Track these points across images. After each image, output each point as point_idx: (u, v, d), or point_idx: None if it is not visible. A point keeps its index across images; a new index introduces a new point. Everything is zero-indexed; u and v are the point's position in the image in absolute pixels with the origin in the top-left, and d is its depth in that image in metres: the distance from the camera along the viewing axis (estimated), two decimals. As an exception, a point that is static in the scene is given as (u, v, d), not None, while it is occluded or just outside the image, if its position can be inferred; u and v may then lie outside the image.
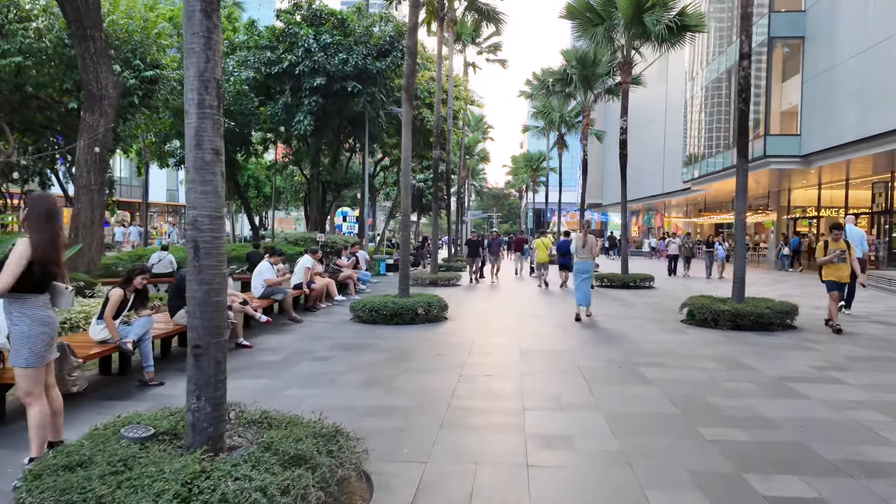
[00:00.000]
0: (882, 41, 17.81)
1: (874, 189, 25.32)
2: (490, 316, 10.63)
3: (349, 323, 9.60)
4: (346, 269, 13.54)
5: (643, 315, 10.74)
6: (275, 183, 31.60)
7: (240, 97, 20.60)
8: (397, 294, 10.23)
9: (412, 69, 10.00)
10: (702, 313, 9.37)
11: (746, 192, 9.53)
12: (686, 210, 45.53)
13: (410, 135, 10.11)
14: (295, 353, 7.15)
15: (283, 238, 24.07)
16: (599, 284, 16.89)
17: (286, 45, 19.42)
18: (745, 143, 9.50)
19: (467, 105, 29.13)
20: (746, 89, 9.45)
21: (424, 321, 9.62)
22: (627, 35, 16.59)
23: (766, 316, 8.84)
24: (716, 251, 20.52)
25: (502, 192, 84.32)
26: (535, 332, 8.82)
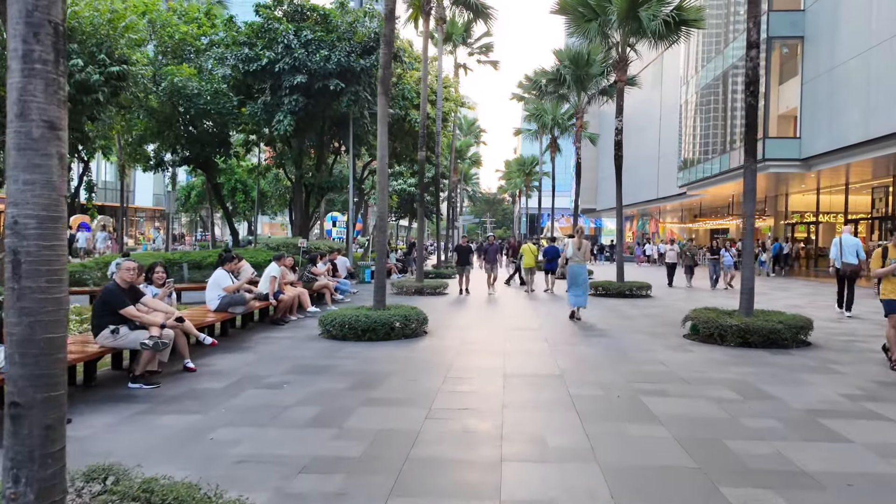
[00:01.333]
0: (888, 39, 17.07)
1: (874, 194, 24.63)
2: (474, 330, 9.68)
3: (316, 339, 8.63)
4: (322, 277, 12.57)
5: (642, 328, 9.83)
6: (259, 186, 30.58)
7: (217, 96, 19.62)
8: (372, 306, 9.28)
9: (388, 60, 9.09)
10: (707, 328, 8.46)
11: (755, 194, 8.66)
12: (681, 215, 44.83)
13: (387, 131, 9.19)
14: (243, 379, 6.18)
15: (265, 244, 23.07)
16: (594, 293, 15.99)
17: (265, 41, 18.50)
18: (753, 139, 8.64)
19: (458, 107, 28.27)
20: (755, 82, 8.59)
21: (401, 337, 8.66)
22: (622, 31, 15.77)
23: (778, 332, 7.94)
24: (722, 258, 18.55)
25: (495, 198, 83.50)
26: (522, 350, 7.88)
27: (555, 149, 30.80)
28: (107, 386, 5.92)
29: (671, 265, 20.06)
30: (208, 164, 22.34)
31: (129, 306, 5.79)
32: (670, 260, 20.15)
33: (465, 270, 16.34)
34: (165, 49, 20.79)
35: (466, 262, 16.50)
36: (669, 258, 20.24)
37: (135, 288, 6.07)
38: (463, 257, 16.57)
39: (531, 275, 16.91)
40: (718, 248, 18.93)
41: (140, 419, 4.81)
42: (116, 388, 5.81)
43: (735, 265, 18.32)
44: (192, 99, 19.11)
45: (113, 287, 5.87)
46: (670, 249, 20.57)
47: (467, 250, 16.94)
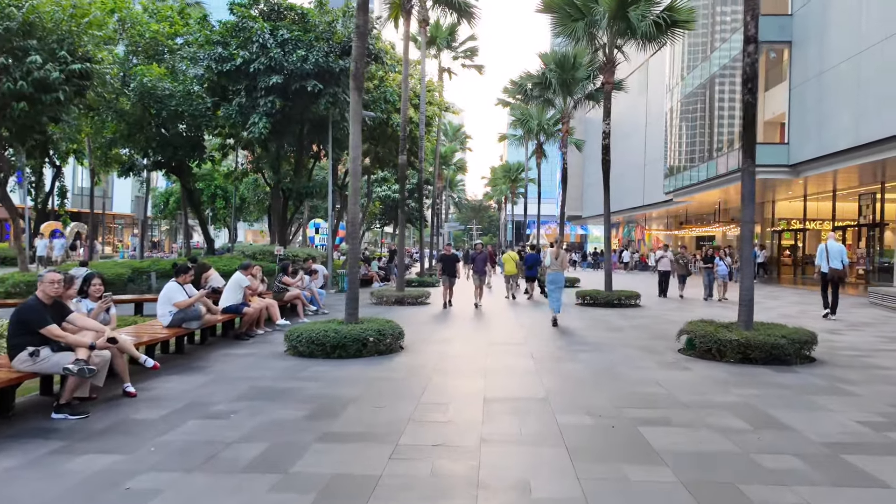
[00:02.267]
0: (878, 42, 16.76)
1: (861, 201, 24.41)
2: (454, 344, 8.98)
3: (281, 357, 7.88)
4: (293, 287, 11.80)
5: (633, 342, 9.20)
6: (236, 192, 29.69)
7: (190, 97, 18.81)
8: (343, 319, 8.56)
9: (362, 52, 8.43)
10: (704, 343, 7.85)
11: (754, 198, 8.10)
12: (667, 222, 44.63)
13: (360, 130, 8.51)
14: (188, 406, 5.43)
15: (242, 252, 22.22)
16: (581, 302, 15.43)
17: (239, 40, 17.75)
18: (751, 139, 8.08)
19: (442, 112, 27.67)
20: (753, 79, 8.04)
21: (374, 353, 7.94)
22: (610, 32, 15.25)
23: (781, 347, 7.34)
24: (716, 267, 17.06)
25: (481, 205, 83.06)
26: (505, 368, 7.20)
27: (540, 155, 30.29)
28: (27, 416, 5.13)
29: (664, 273, 18.35)
30: (182, 169, 21.46)
31: (52, 325, 5.02)
32: (664, 268, 18.38)
33: (449, 282, 14.68)
34: (136, 48, 19.97)
35: (452, 272, 14.70)
36: (663, 266, 18.47)
37: (60, 303, 5.29)
38: (448, 267, 14.71)
39: (513, 281, 17.20)
40: (712, 255, 17.44)
41: (49, 461, 4.05)
42: (38, 420, 5.03)
43: (730, 275, 17.24)
44: (163, 100, 18.28)
45: (33, 302, 5.09)
46: (663, 256, 18.66)
47: (453, 259, 15.04)
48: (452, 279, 14.73)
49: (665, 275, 18.18)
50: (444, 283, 14.68)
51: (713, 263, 17.00)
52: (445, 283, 14.66)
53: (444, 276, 14.69)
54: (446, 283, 14.65)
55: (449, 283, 14.64)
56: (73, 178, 47.79)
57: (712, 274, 17.02)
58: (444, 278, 14.71)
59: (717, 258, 17.05)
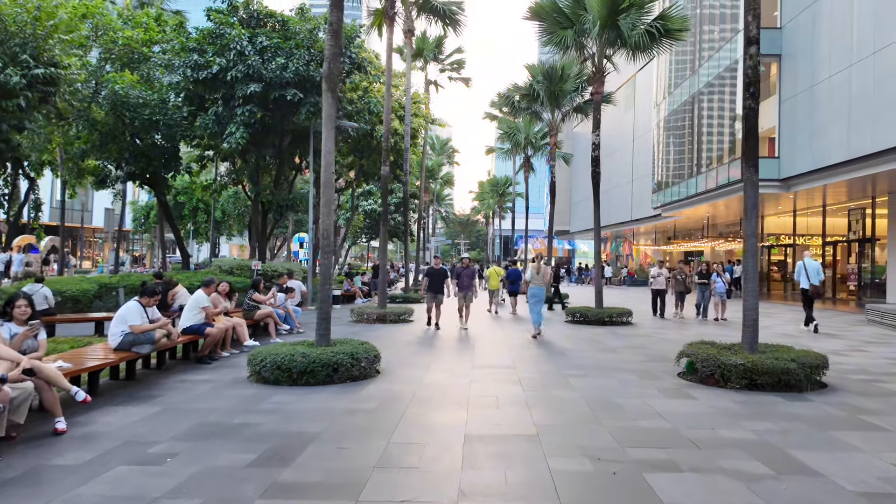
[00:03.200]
0: (870, 55, 16.49)
1: (850, 216, 24.15)
2: (436, 369, 8.26)
3: (243, 384, 7.12)
4: (265, 305, 11.02)
5: (629, 365, 8.54)
6: (215, 205, 28.85)
7: (165, 106, 18.09)
8: (314, 341, 7.81)
9: (335, 52, 7.79)
10: (707, 367, 7.21)
11: (757, 209, 7.53)
12: (655, 238, 44.33)
13: (333, 135, 7.84)
14: (121, 447, 4.66)
15: (218, 266, 21.36)
16: (571, 320, 14.79)
17: (216, 47, 17.10)
18: (754, 147, 7.52)
19: (428, 124, 27.14)
20: (755, 82, 7.52)
21: (347, 379, 7.20)
22: (600, 41, 14.81)
23: (791, 372, 6.72)
24: (713, 284, 15.59)
25: (469, 219, 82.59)
26: (491, 397, 6.49)
27: (528, 168, 29.83)
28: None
29: (659, 291, 16.54)
30: (157, 180, 20.66)
31: (-47, 354, 4.25)
32: (658, 285, 16.57)
33: (436, 300, 13.03)
34: (111, 56, 19.26)
35: (439, 289, 13.07)
36: (657, 283, 16.61)
37: (-32, 328, 4.53)
38: (435, 283, 13.07)
39: (496, 296, 17.74)
40: (709, 271, 15.88)
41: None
42: (-63, 466, 4.24)
43: (728, 293, 15.83)
44: (136, 109, 17.55)
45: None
46: (658, 273, 16.82)
47: (441, 275, 13.29)
48: (439, 296, 13.15)
49: (659, 293, 16.59)
50: (430, 301, 13.10)
51: (709, 280, 15.70)
52: (431, 300, 13.08)
53: (430, 294, 13.08)
54: (432, 300, 13.06)
55: (436, 302, 13.06)
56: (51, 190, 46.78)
57: (708, 291, 15.79)
58: (429, 295, 13.09)
59: (714, 274, 15.75)
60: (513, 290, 16.97)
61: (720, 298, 15.62)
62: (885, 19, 15.91)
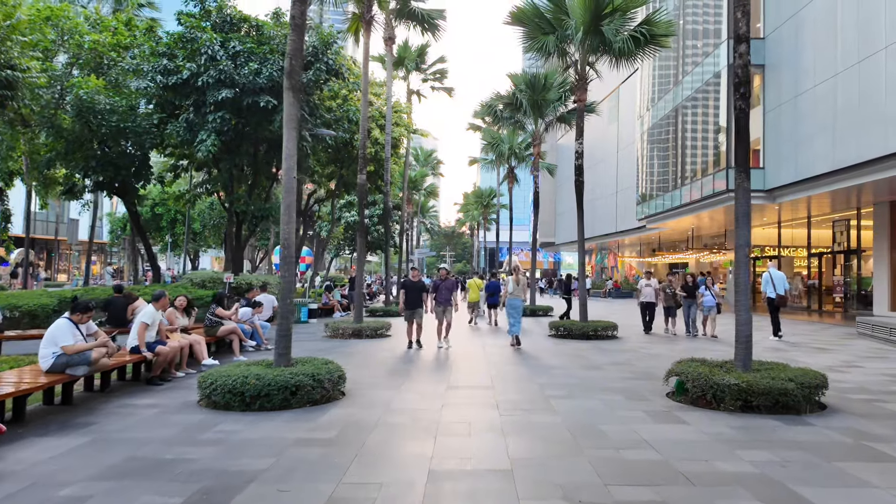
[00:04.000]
0: (854, 64, 16.32)
1: (835, 228, 24.01)
2: (406, 389, 7.63)
3: (191, 409, 6.44)
4: (228, 320, 10.31)
5: (615, 383, 7.98)
6: (189, 215, 28.02)
7: (133, 112, 17.37)
8: (273, 361, 7.16)
9: (297, 47, 7.24)
10: (698, 387, 6.67)
11: (749, 218, 7.05)
12: (640, 249, 44.15)
13: (296, 136, 7.25)
14: (22, 491, 3.99)
15: (189, 279, 20.56)
16: (554, 334, 14.24)
17: (186, 52, 16.46)
18: (745, 152, 7.06)
19: (410, 133, 26.66)
20: (746, 82, 7.07)
21: (307, 403, 6.56)
22: (583, 47, 14.43)
23: (790, 393, 6.20)
24: (701, 298, 14.18)
25: (454, 231, 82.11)
26: (463, 423, 5.89)
27: (512, 179, 29.43)
28: None
29: (647, 305, 15.18)
30: (126, 190, 19.86)
31: None
32: (647, 298, 15.18)
33: (415, 316, 11.79)
34: (78, 60, 18.53)
35: (417, 304, 11.83)
36: (646, 296, 15.21)
37: None
38: (412, 298, 11.80)
39: (477, 308, 17.99)
40: (695, 284, 14.50)
41: None
42: None
43: (718, 307, 14.29)
44: (103, 115, 16.81)
45: None
46: (647, 285, 15.32)
47: (418, 289, 11.96)
48: (418, 312, 11.82)
49: (648, 307, 15.16)
50: (409, 319, 11.85)
51: (697, 293, 14.32)
52: (410, 317, 11.83)
53: (408, 310, 11.84)
54: (411, 317, 11.81)
55: (415, 318, 11.80)
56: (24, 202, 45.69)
57: (696, 305, 14.41)
58: (407, 312, 11.85)
59: (702, 287, 14.27)
60: (492, 302, 17.15)
61: (708, 313, 14.24)
62: (869, 29, 15.75)
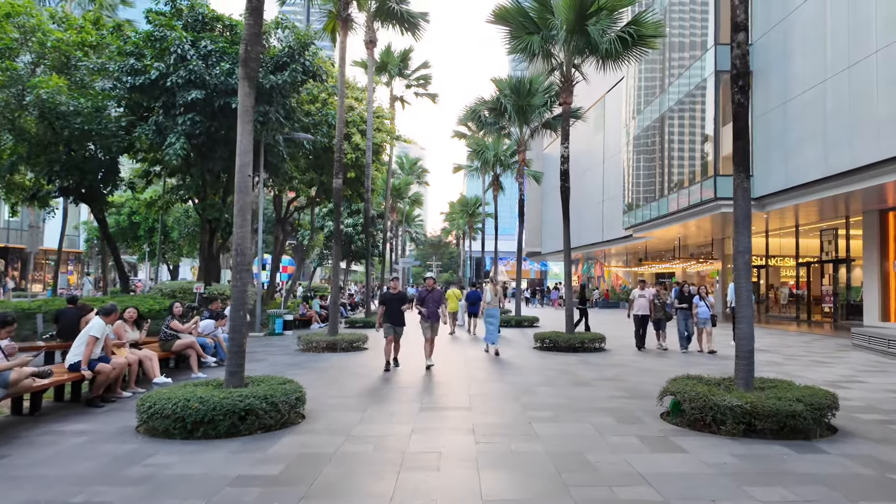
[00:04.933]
0: (845, 69, 15.96)
1: (823, 237, 23.71)
2: (374, 411, 6.88)
3: (126, 436, 5.66)
4: (184, 334, 9.50)
5: (605, 402, 7.30)
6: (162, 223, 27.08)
7: (100, 114, 16.53)
8: (224, 381, 6.40)
9: (255, 33, 6.56)
10: (696, 408, 6.01)
11: (750, 221, 6.45)
12: (626, 259, 43.78)
13: (251, 130, 6.55)
14: None
15: (159, 289, 19.63)
16: (540, 346, 13.56)
17: (155, 51, 15.70)
18: (744, 149, 6.48)
19: (393, 139, 26.02)
20: (744, 74, 6.51)
21: (258, 429, 5.80)
22: (568, 48, 13.90)
23: (798, 416, 5.56)
24: (696, 309, 12.93)
25: (440, 241, 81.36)
26: (433, 452, 5.16)
27: (497, 187, 28.85)
28: None
29: (642, 319, 13.62)
30: (94, 196, 18.95)
31: None
32: (641, 311, 13.60)
33: (394, 332, 10.16)
34: (43, 60, 17.66)
35: (398, 319, 10.18)
36: (640, 308, 13.61)
37: None
38: (392, 312, 10.15)
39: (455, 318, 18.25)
40: (689, 293, 13.35)
41: None
42: None
43: (713, 319, 13.08)
44: (66, 117, 15.97)
45: None
46: (640, 296, 13.76)
47: (398, 300, 10.28)
48: (399, 329, 10.27)
49: (642, 321, 13.63)
50: (388, 335, 10.17)
51: (692, 304, 13.04)
52: (389, 333, 10.15)
53: (388, 325, 10.15)
54: (390, 333, 10.15)
55: (394, 335, 10.20)
56: (0, 209, 44.39)
57: (691, 318, 13.12)
58: (386, 327, 10.16)
59: (696, 297, 12.99)
60: (472, 311, 17.37)
61: (704, 326, 12.91)
62: (859, 33, 15.42)
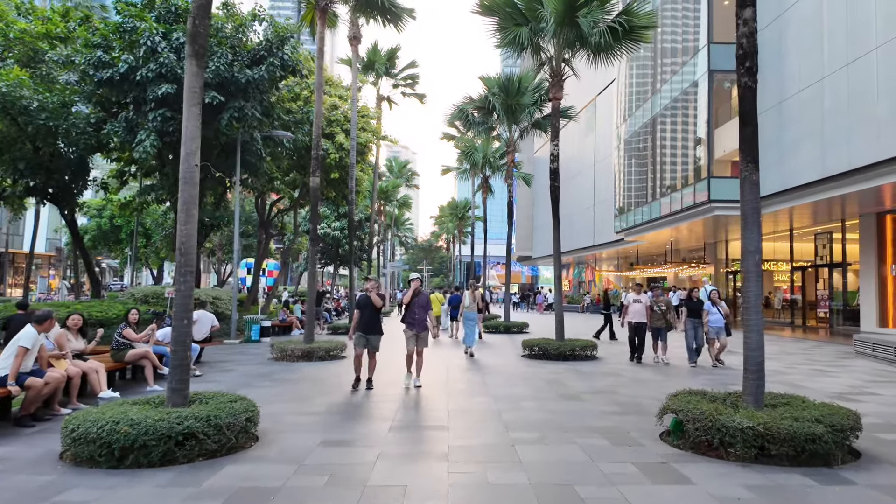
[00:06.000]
0: (843, 67, 15.43)
1: (817, 241, 23.23)
2: (337, 432, 6.11)
3: (47, 464, 4.87)
4: (141, 343, 8.68)
5: (596, 420, 6.58)
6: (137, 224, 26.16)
7: (66, 110, 15.69)
8: (166, 397, 5.61)
9: (203, 5, 5.77)
10: (700, 429, 5.30)
11: (759, 216, 5.75)
12: (617, 263, 43.25)
13: (198, 114, 5.80)
14: None
15: (131, 294, 18.74)
16: (528, 354, 12.83)
17: (124, 42, 14.89)
18: (752, 137, 5.79)
19: (378, 139, 25.29)
20: (752, 54, 5.84)
21: (200, 455, 5.02)
22: (558, 41, 13.26)
23: (819, 439, 4.86)
24: (706, 316, 11.24)
25: (431, 245, 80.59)
26: (397, 486, 4.41)
27: (486, 189, 28.18)
28: None
29: (638, 327, 11.87)
30: (63, 196, 18.06)
31: None
32: (636, 318, 11.87)
33: (368, 344, 8.45)
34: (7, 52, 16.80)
35: (373, 328, 8.50)
36: (635, 314, 11.87)
37: None
38: (367, 320, 8.45)
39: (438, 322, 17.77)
40: (696, 298, 11.72)
41: None
42: None
43: (727, 328, 11.31)
44: (30, 113, 15.11)
45: None
46: (635, 301, 11.94)
47: (373, 307, 8.49)
48: (373, 339, 8.51)
49: (638, 329, 11.88)
50: (358, 346, 8.43)
51: (703, 310, 11.37)
52: (360, 344, 8.42)
53: (359, 334, 8.45)
54: (361, 344, 8.42)
55: (368, 348, 8.49)
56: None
57: (702, 327, 11.35)
58: (357, 337, 8.44)
59: (708, 303, 11.35)
60: (454, 315, 17.93)
61: (717, 336, 11.22)
62: (859, 29, 14.90)
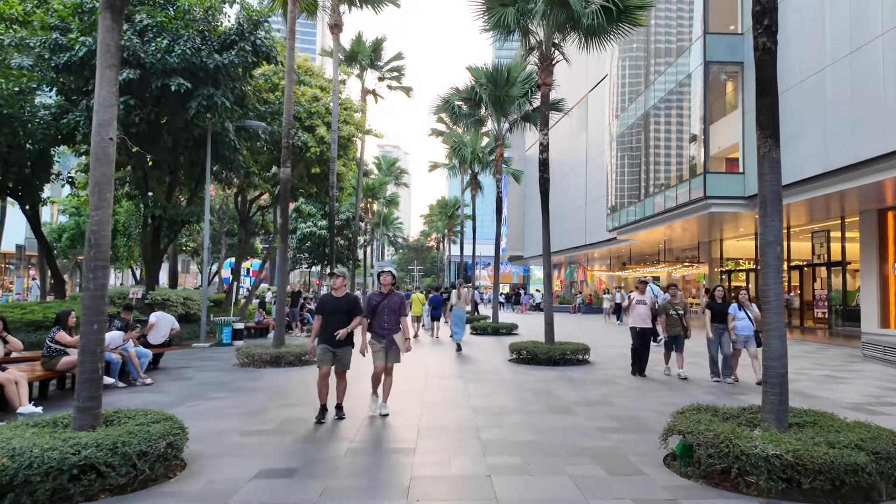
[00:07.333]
0: (847, 55, 14.65)
1: (814, 239, 22.53)
2: (283, 454, 5.15)
3: None
4: (75, 349, 7.70)
5: (590, 441, 5.66)
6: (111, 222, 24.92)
7: (21, 97, 14.63)
8: (74, 416, 4.64)
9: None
10: (714, 456, 4.39)
11: (780, 200, 4.88)
12: (610, 263, 42.51)
13: (113, 78, 4.85)
14: None
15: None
16: (516, 358, 11.95)
17: (83, 24, 13.86)
18: (771, 108, 4.98)
19: (363, 133, 24.33)
20: (771, 10, 4.97)
21: (101, 491, 4.07)
22: (547, 22, 12.38)
23: (862, 471, 3.97)
24: (733, 322, 9.16)
25: (422, 245, 79.57)
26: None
27: (475, 186, 27.31)
28: None
29: (642, 333, 9.96)
30: (25, 191, 16.99)
31: None
32: (641, 322, 9.93)
33: (332, 359, 6.49)
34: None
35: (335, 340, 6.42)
36: (637, 318, 9.94)
37: None
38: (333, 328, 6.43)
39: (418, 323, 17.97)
40: (723, 299, 9.65)
41: None
42: None
43: (757, 336, 9.03)
44: (-21, 101, 14.07)
45: None
46: (639, 301, 10.00)
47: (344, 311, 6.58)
48: (341, 352, 6.55)
49: (643, 335, 9.98)
50: (322, 363, 6.49)
51: (729, 314, 9.25)
52: (325, 361, 6.46)
53: (323, 347, 6.47)
54: (326, 361, 6.46)
55: (335, 364, 6.54)
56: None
57: (727, 334, 9.29)
58: (321, 350, 6.48)
59: (733, 305, 9.26)
60: (435, 315, 17.97)
61: (744, 346, 9.22)
62: (863, 15, 14.11)
